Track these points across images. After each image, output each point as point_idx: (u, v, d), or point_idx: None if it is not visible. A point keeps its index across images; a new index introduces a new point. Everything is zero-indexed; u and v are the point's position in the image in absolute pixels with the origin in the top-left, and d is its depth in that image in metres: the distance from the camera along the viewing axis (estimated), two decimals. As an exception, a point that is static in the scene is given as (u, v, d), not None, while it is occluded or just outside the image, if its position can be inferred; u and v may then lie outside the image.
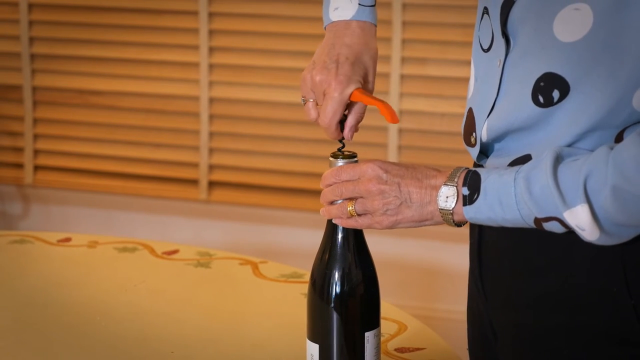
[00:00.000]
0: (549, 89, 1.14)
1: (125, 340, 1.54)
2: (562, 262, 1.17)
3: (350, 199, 1.25)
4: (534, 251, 1.20)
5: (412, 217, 1.22)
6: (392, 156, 3.20)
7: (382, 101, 1.29)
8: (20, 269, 1.85)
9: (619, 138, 1.13)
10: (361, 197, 1.24)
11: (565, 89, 1.13)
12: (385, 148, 3.21)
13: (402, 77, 3.18)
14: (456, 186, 1.19)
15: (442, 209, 1.20)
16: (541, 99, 1.15)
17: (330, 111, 1.31)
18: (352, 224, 1.26)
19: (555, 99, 1.14)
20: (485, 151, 1.26)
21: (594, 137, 1.14)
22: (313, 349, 1.30)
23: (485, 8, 1.25)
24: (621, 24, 1.08)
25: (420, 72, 3.18)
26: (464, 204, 1.18)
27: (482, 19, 1.26)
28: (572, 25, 1.11)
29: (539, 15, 1.14)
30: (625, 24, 1.08)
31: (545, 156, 1.13)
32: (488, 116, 1.23)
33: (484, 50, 1.26)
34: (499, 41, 1.21)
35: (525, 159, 1.19)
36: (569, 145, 1.15)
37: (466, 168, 1.21)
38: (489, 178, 1.17)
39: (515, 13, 1.17)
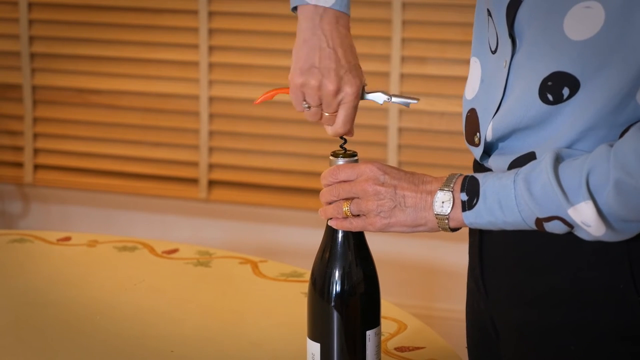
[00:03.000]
0: (559, 87, 1.14)
1: (125, 339, 1.54)
2: (567, 258, 1.17)
3: (347, 199, 1.25)
4: (539, 248, 1.20)
5: (405, 222, 1.22)
6: (392, 155, 3.20)
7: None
8: (20, 268, 1.84)
9: (622, 136, 1.13)
10: (357, 197, 1.24)
11: (575, 86, 1.13)
12: (385, 147, 3.21)
13: (402, 76, 3.18)
14: (452, 191, 1.19)
15: (437, 214, 1.20)
16: (550, 97, 1.15)
17: (349, 119, 1.32)
18: (347, 225, 1.26)
19: (565, 96, 1.14)
20: (488, 150, 1.26)
21: (598, 135, 1.14)
22: (314, 348, 1.30)
23: (488, 10, 1.25)
24: (631, 22, 1.09)
25: (420, 71, 3.18)
26: (463, 210, 1.18)
27: (487, 21, 1.26)
28: (583, 23, 1.11)
29: (548, 15, 1.14)
30: (635, 22, 1.08)
31: (544, 157, 1.14)
32: (493, 116, 1.23)
33: (492, 52, 1.25)
34: (505, 42, 1.20)
35: (529, 156, 1.19)
36: (573, 143, 1.15)
37: (461, 174, 1.21)
38: (487, 182, 1.17)
39: (522, 14, 1.17)
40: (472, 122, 1.28)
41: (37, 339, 1.54)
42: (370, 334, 1.29)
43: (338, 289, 1.28)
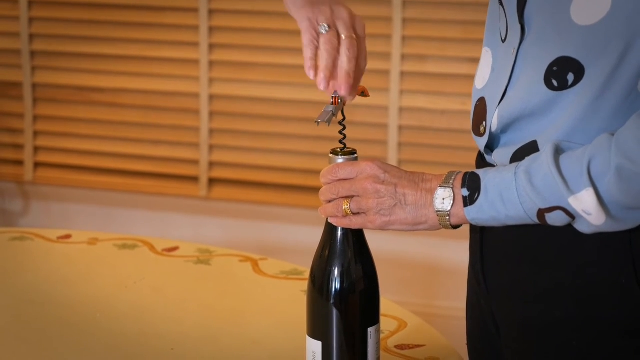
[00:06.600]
0: (564, 73, 1.15)
1: (125, 338, 1.54)
2: (570, 254, 1.18)
3: (347, 197, 1.25)
4: (541, 244, 1.20)
5: (405, 220, 1.22)
6: (392, 153, 3.20)
7: None
8: (20, 266, 1.85)
9: None
10: (357, 195, 1.24)
11: (580, 72, 1.14)
12: (385, 145, 3.21)
13: (402, 74, 3.17)
14: (452, 188, 1.19)
15: (438, 211, 1.20)
16: (555, 83, 1.16)
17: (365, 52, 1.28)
18: (347, 223, 1.26)
19: (570, 82, 1.15)
20: (490, 145, 1.27)
21: (600, 123, 1.14)
22: (315, 346, 1.29)
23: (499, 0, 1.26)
24: (636, 7, 1.09)
25: (420, 69, 3.18)
26: (465, 205, 1.18)
27: (499, 11, 1.27)
28: (590, 8, 1.12)
29: (557, 0, 1.14)
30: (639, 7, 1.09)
31: (544, 150, 1.14)
32: (499, 104, 1.23)
33: (502, 40, 1.26)
34: (514, 30, 1.21)
35: (531, 146, 1.19)
36: (574, 130, 1.15)
37: (460, 171, 1.21)
38: (488, 176, 1.18)
39: (532, 2, 1.18)
40: (480, 111, 1.28)
41: (37, 337, 1.55)
42: (371, 330, 1.29)
43: (337, 286, 1.28)
